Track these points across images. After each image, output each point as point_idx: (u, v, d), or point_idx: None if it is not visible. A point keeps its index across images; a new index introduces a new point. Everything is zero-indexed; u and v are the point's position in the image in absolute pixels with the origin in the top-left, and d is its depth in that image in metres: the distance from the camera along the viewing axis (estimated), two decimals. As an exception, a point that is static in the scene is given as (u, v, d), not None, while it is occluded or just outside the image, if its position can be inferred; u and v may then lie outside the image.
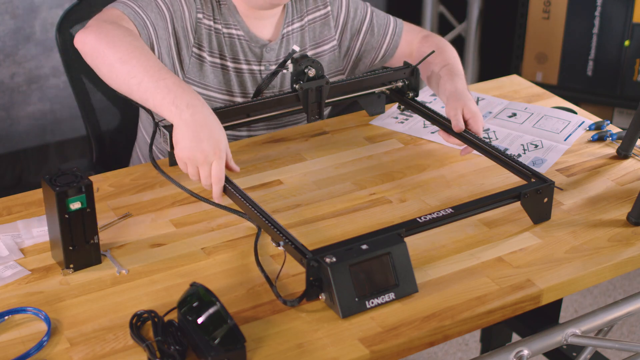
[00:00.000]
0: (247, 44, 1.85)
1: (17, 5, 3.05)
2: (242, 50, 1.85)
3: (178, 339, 1.26)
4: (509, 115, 1.98)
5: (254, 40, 1.86)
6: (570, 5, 3.15)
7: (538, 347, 1.43)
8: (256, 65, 1.87)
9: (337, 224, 1.57)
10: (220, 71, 1.84)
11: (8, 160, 3.25)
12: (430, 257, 1.47)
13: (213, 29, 1.82)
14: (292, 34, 1.91)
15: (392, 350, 1.29)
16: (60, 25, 2.03)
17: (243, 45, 1.85)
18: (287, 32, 1.90)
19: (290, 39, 1.91)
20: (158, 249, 1.51)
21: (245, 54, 1.86)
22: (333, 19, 1.97)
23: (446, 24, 3.71)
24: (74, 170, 1.42)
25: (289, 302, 1.33)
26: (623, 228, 1.57)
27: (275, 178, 1.72)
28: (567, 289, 1.44)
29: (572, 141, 1.87)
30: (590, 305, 2.87)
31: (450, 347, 2.70)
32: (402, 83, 1.89)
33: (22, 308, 1.35)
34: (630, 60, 3.11)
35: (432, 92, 2.09)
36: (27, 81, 3.16)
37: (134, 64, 1.53)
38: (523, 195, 1.52)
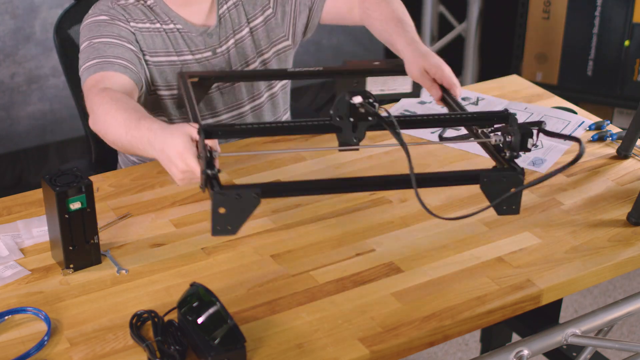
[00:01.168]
0: (187, 34, 1.86)
1: (17, 5, 3.05)
2: (184, 42, 1.85)
3: (178, 339, 1.26)
4: (509, 115, 1.98)
5: (193, 30, 1.86)
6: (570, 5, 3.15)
7: (538, 347, 1.43)
8: (201, 53, 1.87)
9: (337, 224, 1.57)
10: (167, 68, 1.84)
11: (8, 160, 3.25)
12: (430, 257, 1.47)
13: (154, 29, 1.83)
14: (229, 11, 1.90)
15: (392, 350, 1.29)
16: (58, 26, 2.04)
17: (184, 37, 1.85)
18: (223, 12, 1.89)
19: (227, 18, 1.90)
20: (158, 249, 1.51)
21: (188, 45, 1.86)
22: None
23: (446, 24, 3.71)
24: (74, 170, 1.42)
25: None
26: (623, 228, 1.57)
27: (275, 178, 1.72)
28: (567, 289, 1.44)
29: (572, 141, 1.87)
30: (590, 305, 2.87)
31: (450, 347, 2.70)
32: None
33: (22, 308, 1.35)
34: (630, 60, 3.11)
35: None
36: (27, 81, 3.16)
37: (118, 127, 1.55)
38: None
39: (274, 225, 1.57)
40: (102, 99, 1.61)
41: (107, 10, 1.81)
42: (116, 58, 1.73)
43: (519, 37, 3.31)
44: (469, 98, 2.05)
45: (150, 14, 1.83)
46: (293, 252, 1.49)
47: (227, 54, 1.90)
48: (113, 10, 1.81)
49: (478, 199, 1.65)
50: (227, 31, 1.90)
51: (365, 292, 1.39)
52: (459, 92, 1.68)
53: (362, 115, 1.36)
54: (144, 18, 1.82)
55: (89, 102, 1.66)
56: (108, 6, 1.82)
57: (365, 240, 1.53)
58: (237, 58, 1.91)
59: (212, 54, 1.88)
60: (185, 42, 1.86)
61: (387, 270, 1.44)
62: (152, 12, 1.84)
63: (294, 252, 1.49)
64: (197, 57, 1.87)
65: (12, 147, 3.23)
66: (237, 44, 1.91)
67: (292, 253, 1.49)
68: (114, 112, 1.56)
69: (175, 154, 1.39)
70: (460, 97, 1.67)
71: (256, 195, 1.28)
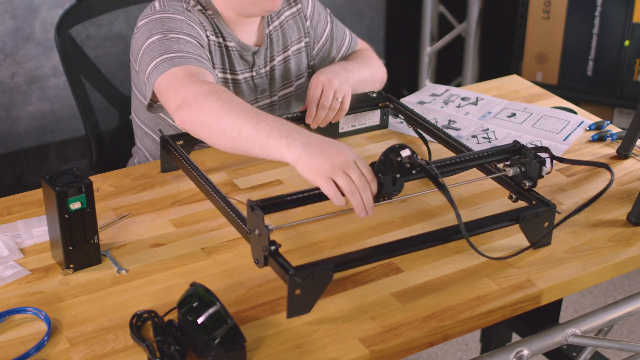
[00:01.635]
0: (239, 53, 1.85)
1: (17, 5, 3.05)
2: (236, 60, 1.85)
3: (178, 339, 1.26)
4: (508, 115, 1.98)
5: (245, 49, 1.85)
6: (570, 5, 3.15)
7: (538, 347, 1.43)
8: (248, 72, 1.87)
9: (337, 224, 1.57)
10: (228, 86, 1.84)
11: (8, 160, 3.25)
12: (430, 257, 1.47)
13: (217, 43, 1.81)
14: (274, 32, 1.91)
15: (392, 350, 1.29)
16: (59, 26, 2.04)
17: (236, 55, 1.84)
18: (269, 33, 1.90)
19: (273, 39, 1.90)
20: (158, 249, 1.51)
21: (239, 63, 1.85)
22: (303, 17, 1.96)
23: (446, 24, 3.71)
24: (74, 170, 1.42)
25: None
26: (623, 228, 1.57)
27: (275, 178, 1.72)
28: (567, 289, 1.44)
29: (572, 141, 1.87)
30: (590, 305, 2.87)
31: (450, 347, 2.70)
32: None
33: (22, 308, 1.35)
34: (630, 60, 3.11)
35: (431, 92, 2.09)
36: (27, 81, 3.16)
37: (227, 119, 1.47)
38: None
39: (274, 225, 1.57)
40: (215, 90, 1.51)
41: (182, 11, 1.73)
42: (202, 58, 1.64)
43: (519, 37, 3.31)
44: (469, 98, 2.06)
45: (214, 25, 1.80)
46: (293, 252, 1.49)
47: (268, 75, 1.90)
48: (190, 14, 1.74)
49: (478, 198, 1.66)
50: (272, 52, 1.90)
51: (365, 292, 1.39)
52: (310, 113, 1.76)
53: (407, 170, 1.40)
54: (211, 29, 1.79)
55: (190, 90, 1.54)
56: (184, 8, 1.74)
57: (365, 240, 1.53)
58: (273, 82, 1.91)
59: (256, 74, 1.88)
60: (237, 61, 1.84)
61: (387, 270, 1.44)
62: (210, 24, 1.80)
63: (294, 252, 1.49)
64: (246, 77, 1.86)
65: (12, 147, 3.24)
66: (278, 67, 1.91)
67: (292, 253, 1.49)
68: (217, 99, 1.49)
69: (344, 149, 1.37)
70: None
71: (329, 272, 1.31)
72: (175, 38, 1.66)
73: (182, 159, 1.58)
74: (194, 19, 1.74)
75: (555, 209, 1.49)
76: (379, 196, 1.41)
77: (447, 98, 2.06)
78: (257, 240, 1.35)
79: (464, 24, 3.58)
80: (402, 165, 1.40)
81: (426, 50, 3.69)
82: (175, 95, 1.56)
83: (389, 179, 1.41)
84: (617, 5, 3.07)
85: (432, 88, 2.12)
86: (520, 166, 1.51)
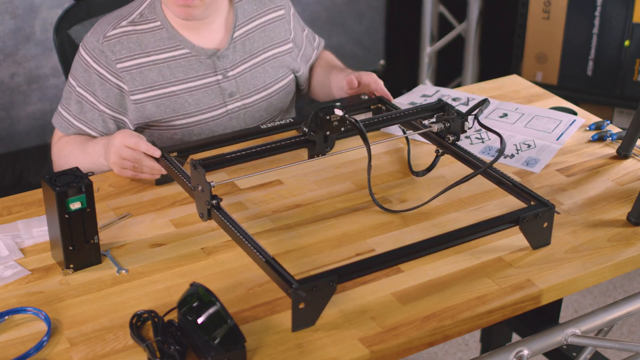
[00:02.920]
0: (195, 59, 1.85)
1: (17, 5, 3.05)
2: (191, 67, 1.85)
3: (178, 339, 1.26)
4: (500, 115, 1.98)
5: (202, 53, 1.86)
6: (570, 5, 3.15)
7: (538, 347, 1.43)
8: (212, 76, 1.87)
9: (337, 224, 1.57)
10: (166, 100, 1.84)
11: (8, 160, 3.25)
12: (430, 257, 1.47)
13: (142, 65, 1.82)
14: (246, 35, 1.91)
15: (392, 350, 1.29)
16: (58, 26, 2.04)
17: (191, 61, 1.85)
18: (238, 36, 1.90)
19: (244, 41, 1.90)
20: (158, 249, 1.51)
21: (195, 69, 1.85)
22: (287, 22, 1.99)
23: (446, 24, 3.71)
24: (74, 170, 1.42)
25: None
26: (623, 228, 1.57)
27: (275, 178, 1.72)
28: (567, 289, 1.44)
29: (565, 140, 1.87)
30: (590, 305, 2.87)
31: (450, 347, 2.70)
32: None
33: (22, 308, 1.35)
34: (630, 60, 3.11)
35: (422, 93, 2.09)
36: (27, 81, 3.16)
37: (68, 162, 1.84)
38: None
39: (274, 225, 1.57)
40: (58, 145, 1.88)
41: (93, 49, 1.81)
42: (76, 119, 1.85)
43: (519, 37, 3.31)
44: (460, 98, 2.05)
45: (144, 45, 1.82)
46: (293, 252, 1.49)
47: (239, 78, 1.90)
48: (98, 50, 1.81)
49: (477, 198, 1.66)
50: (242, 55, 1.90)
51: (365, 292, 1.39)
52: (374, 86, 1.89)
53: (335, 128, 1.56)
54: (135, 53, 1.81)
55: (52, 154, 1.92)
56: (97, 40, 1.81)
57: (365, 240, 1.53)
58: (248, 84, 1.92)
59: (222, 77, 1.88)
60: (190, 68, 1.85)
61: (387, 270, 1.44)
62: (149, 41, 1.82)
63: (294, 252, 1.49)
64: (205, 82, 1.86)
65: (12, 147, 3.23)
66: (251, 70, 1.92)
67: (292, 253, 1.49)
68: (69, 150, 1.84)
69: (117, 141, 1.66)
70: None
71: (333, 284, 1.31)
72: (75, 93, 1.85)
73: (176, 171, 1.58)
74: (99, 58, 1.81)
75: (554, 209, 1.49)
76: (312, 153, 1.59)
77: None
78: (200, 195, 1.48)
79: (464, 24, 3.58)
80: (331, 123, 1.55)
81: (426, 50, 3.69)
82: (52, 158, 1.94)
83: (321, 137, 1.57)
84: (617, 5, 3.06)
85: (422, 89, 2.12)
86: (445, 122, 1.66)
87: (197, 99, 1.86)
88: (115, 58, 1.80)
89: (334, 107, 1.57)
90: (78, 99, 1.84)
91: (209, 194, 1.46)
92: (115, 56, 1.80)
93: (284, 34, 1.97)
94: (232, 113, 1.91)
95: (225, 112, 1.90)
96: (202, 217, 1.49)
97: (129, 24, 1.83)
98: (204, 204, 1.47)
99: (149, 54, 1.82)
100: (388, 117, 1.69)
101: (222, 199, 1.48)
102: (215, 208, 1.47)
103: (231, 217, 1.45)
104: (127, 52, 1.81)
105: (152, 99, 1.83)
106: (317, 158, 1.61)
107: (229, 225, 1.44)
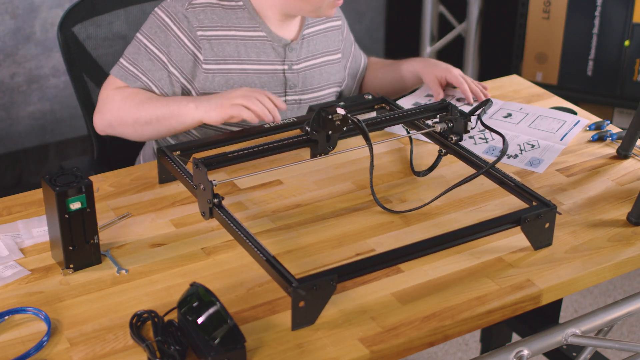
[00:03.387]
0: (269, 44, 1.89)
1: (17, 5, 3.05)
2: (264, 51, 1.88)
3: (178, 339, 1.26)
4: (504, 115, 1.98)
5: (277, 40, 1.89)
6: (570, 5, 3.15)
7: (538, 347, 1.43)
8: (279, 64, 1.90)
9: (337, 224, 1.57)
10: (236, 76, 1.86)
11: (8, 160, 3.25)
12: (430, 257, 1.47)
13: (222, 37, 1.85)
14: (312, 36, 1.95)
15: (392, 350, 1.29)
16: (62, 24, 2.04)
17: (266, 45, 1.88)
18: (307, 34, 1.94)
19: (309, 41, 1.95)
20: (158, 249, 1.51)
21: (267, 54, 1.89)
22: (341, 33, 2.04)
23: (446, 24, 3.71)
24: (74, 170, 1.42)
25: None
26: (623, 228, 1.57)
27: (275, 178, 1.72)
28: (567, 289, 1.44)
29: (569, 141, 1.87)
30: (590, 305, 2.87)
31: (450, 347, 2.70)
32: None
33: (22, 308, 1.35)
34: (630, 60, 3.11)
35: (427, 93, 2.09)
36: (27, 81, 3.16)
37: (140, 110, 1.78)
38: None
39: (274, 225, 1.57)
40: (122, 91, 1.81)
41: (175, 12, 1.83)
42: (143, 74, 1.83)
43: (519, 37, 3.31)
44: (464, 99, 2.05)
45: (226, 19, 1.85)
46: (293, 252, 1.49)
47: (302, 73, 1.94)
48: (181, 15, 1.83)
49: (478, 198, 1.66)
50: (307, 52, 1.94)
51: (365, 292, 1.39)
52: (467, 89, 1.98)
53: (337, 127, 1.57)
54: (217, 25, 1.84)
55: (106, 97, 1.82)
56: (182, 6, 1.84)
57: (365, 240, 1.53)
58: (305, 82, 1.95)
59: (288, 67, 1.92)
60: (263, 51, 1.88)
61: (387, 270, 1.44)
62: (231, 17, 1.85)
63: (294, 252, 1.49)
64: (275, 68, 1.90)
65: (12, 147, 3.24)
66: (312, 69, 1.96)
67: (292, 253, 1.49)
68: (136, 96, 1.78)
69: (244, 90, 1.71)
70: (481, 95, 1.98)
71: (333, 283, 1.31)
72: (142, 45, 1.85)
73: (179, 170, 1.59)
74: (180, 21, 1.82)
75: (555, 209, 1.49)
76: (315, 153, 1.60)
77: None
78: (202, 194, 1.49)
79: (464, 24, 3.58)
80: (334, 123, 1.56)
81: (426, 50, 3.68)
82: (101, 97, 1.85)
83: (323, 136, 1.59)
84: (617, 5, 3.06)
85: (427, 89, 2.12)
86: (448, 122, 1.67)
87: (263, 82, 1.90)
88: (197, 25, 1.83)
89: (336, 107, 1.57)
90: (149, 56, 1.83)
91: (210, 193, 1.46)
92: (198, 23, 1.83)
93: (337, 44, 2.02)
94: (288, 105, 1.94)
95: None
96: (204, 215, 1.50)
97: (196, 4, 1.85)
98: (206, 202, 1.48)
99: (230, 28, 1.86)
100: (390, 116, 1.70)
101: (223, 198, 1.48)
102: (216, 207, 1.47)
103: (232, 215, 1.45)
104: (209, 22, 1.84)
105: (223, 72, 1.85)
106: (319, 157, 1.61)
107: (230, 224, 1.44)
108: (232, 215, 1.45)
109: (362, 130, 1.57)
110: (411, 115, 1.71)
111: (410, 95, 2.11)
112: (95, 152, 2.14)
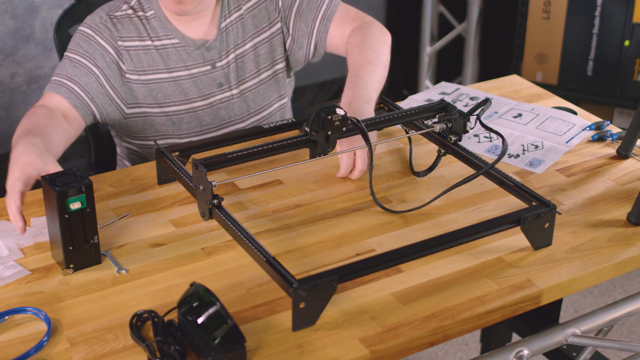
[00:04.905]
0: (183, 49, 1.88)
1: (17, 5, 3.05)
2: (178, 58, 1.88)
3: (178, 339, 1.26)
4: (514, 115, 1.98)
5: (191, 44, 1.88)
6: (570, 5, 3.15)
7: (538, 347, 1.43)
8: (201, 66, 1.90)
9: (337, 224, 1.57)
10: (156, 86, 1.87)
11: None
12: (430, 257, 1.47)
13: (140, 47, 1.86)
14: (231, 25, 1.92)
15: (392, 350, 1.29)
16: (59, 26, 2.04)
17: (180, 52, 1.88)
18: (225, 26, 1.91)
19: (230, 32, 1.92)
20: (158, 249, 1.51)
21: (183, 60, 1.88)
22: (273, 1, 1.95)
23: (446, 24, 3.71)
24: (74, 171, 1.42)
25: None
26: (623, 228, 1.57)
27: (275, 178, 1.72)
28: (567, 289, 1.44)
29: (574, 144, 1.86)
30: (590, 305, 2.87)
31: (450, 347, 2.70)
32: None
33: (22, 308, 1.35)
34: (630, 60, 3.11)
35: (440, 91, 2.09)
36: (27, 81, 3.16)
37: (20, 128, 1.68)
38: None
39: (274, 225, 1.57)
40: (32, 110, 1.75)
41: (96, 24, 1.85)
42: (69, 80, 1.80)
43: (519, 37, 3.31)
44: (477, 97, 2.05)
45: (142, 29, 1.86)
46: (293, 252, 1.49)
47: (227, 69, 1.92)
48: (102, 25, 1.85)
49: (477, 198, 1.66)
50: (229, 45, 1.92)
51: (365, 292, 1.39)
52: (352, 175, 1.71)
53: (336, 128, 1.57)
54: (134, 35, 1.86)
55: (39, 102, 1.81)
56: (100, 18, 1.86)
57: (365, 240, 1.53)
58: (236, 73, 1.93)
59: (211, 67, 1.90)
60: (179, 57, 1.88)
61: (387, 271, 1.44)
62: (146, 27, 1.87)
63: (294, 252, 1.49)
64: (193, 72, 1.89)
65: (12, 147, 3.23)
66: (238, 59, 1.93)
67: (292, 253, 1.49)
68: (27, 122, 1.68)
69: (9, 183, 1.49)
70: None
71: (333, 283, 1.31)
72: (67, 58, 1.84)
73: (178, 171, 1.58)
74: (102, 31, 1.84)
75: (555, 209, 1.49)
76: (314, 153, 1.60)
77: (456, 97, 2.06)
78: (202, 195, 1.48)
79: (464, 24, 3.58)
80: (333, 123, 1.56)
81: (426, 50, 3.69)
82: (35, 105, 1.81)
83: (322, 137, 1.58)
84: (617, 5, 3.07)
85: (442, 87, 2.12)
86: (447, 122, 1.67)
87: (187, 88, 1.89)
88: (117, 35, 1.85)
89: (335, 107, 1.57)
90: (74, 64, 1.83)
91: (210, 194, 1.46)
92: (118, 33, 1.85)
93: (271, 15, 1.95)
94: (221, 103, 1.93)
95: (213, 102, 1.93)
96: (204, 216, 1.50)
97: (129, 7, 1.88)
98: (206, 203, 1.48)
99: (145, 38, 1.87)
100: (390, 117, 1.70)
101: (223, 199, 1.48)
102: (216, 207, 1.47)
103: (232, 216, 1.45)
104: (127, 33, 1.86)
105: (144, 83, 1.87)
106: (319, 158, 1.62)
107: (230, 225, 1.44)
108: (232, 216, 1.45)
109: (362, 131, 1.57)
110: (410, 116, 1.72)
111: (423, 92, 2.11)
112: (93, 154, 2.15)
